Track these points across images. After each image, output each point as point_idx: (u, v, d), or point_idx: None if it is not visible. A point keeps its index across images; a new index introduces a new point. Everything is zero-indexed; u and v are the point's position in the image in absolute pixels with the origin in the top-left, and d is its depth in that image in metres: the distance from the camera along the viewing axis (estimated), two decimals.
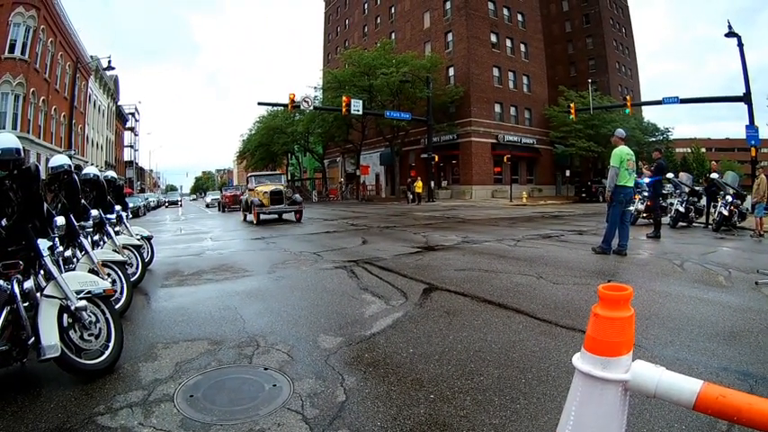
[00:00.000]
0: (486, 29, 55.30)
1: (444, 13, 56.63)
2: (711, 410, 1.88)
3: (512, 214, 27.14)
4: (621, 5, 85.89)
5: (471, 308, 6.30)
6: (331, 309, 6.30)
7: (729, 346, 5.13)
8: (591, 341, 2.10)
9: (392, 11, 65.82)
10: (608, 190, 11.43)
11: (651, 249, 12.63)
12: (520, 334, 5.26)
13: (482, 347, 4.82)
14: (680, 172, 24.35)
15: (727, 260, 10.98)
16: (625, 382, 2.03)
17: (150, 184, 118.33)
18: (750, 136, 30.66)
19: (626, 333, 2.07)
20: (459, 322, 5.65)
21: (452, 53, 54.95)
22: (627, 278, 8.70)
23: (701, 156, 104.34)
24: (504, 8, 58.14)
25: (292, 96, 36.71)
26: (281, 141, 65.17)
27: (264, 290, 7.49)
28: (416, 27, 60.68)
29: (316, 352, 4.66)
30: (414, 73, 47.71)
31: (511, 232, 16.19)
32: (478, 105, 52.83)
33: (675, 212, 19.04)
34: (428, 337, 5.10)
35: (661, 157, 16.59)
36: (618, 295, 2.06)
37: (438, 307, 6.35)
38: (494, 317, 5.89)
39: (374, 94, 49.20)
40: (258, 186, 23.97)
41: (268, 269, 9.38)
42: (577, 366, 2.11)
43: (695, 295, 7.40)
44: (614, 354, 2.05)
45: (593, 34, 77.96)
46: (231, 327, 5.52)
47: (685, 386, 1.91)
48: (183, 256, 12.03)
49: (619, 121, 48.96)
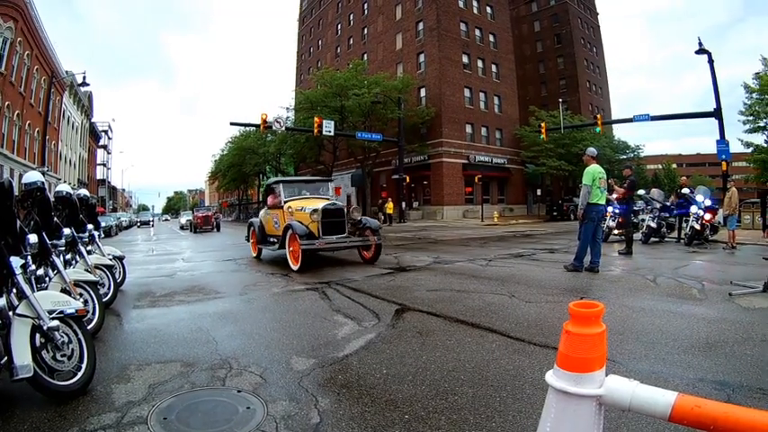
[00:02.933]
0: (458, 50, 55.96)
1: (416, 34, 57.22)
2: (687, 421, 1.91)
3: (483, 234, 27.26)
4: (593, 25, 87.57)
5: (444, 328, 6.31)
6: (303, 330, 6.25)
7: (705, 358, 5.22)
8: (563, 358, 2.13)
9: (365, 32, 66.53)
10: (580, 208, 11.49)
11: (623, 265, 12.78)
12: (493, 353, 5.29)
13: (456, 367, 4.82)
14: (651, 188, 24.65)
15: (699, 273, 11.24)
16: (599, 397, 2.05)
17: (122, 204, 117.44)
18: (721, 150, 31.14)
19: (598, 349, 2.10)
20: (432, 342, 5.66)
21: (424, 74, 55.48)
22: (599, 295, 8.76)
23: (673, 171, 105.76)
24: (476, 29, 58.98)
25: (264, 117, 36.58)
26: (253, 162, 65.50)
27: (236, 311, 7.47)
28: (389, 48, 61.21)
29: (289, 374, 4.63)
30: (385, 94, 47.82)
31: (482, 252, 16.28)
32: (450, 126, 53.41)
33: (647, 228, 19.31)
34: (401, 358, 5.10)
35: (632, 174, 16.86)
36: (589, 312, 2.10)
37: (410, 327, 6.35)
38: (467, 336, 5.91)
39: (346, 115, 49.17)
40: (293, 201, 14.08)
41: (240, 291, 9.36)
42: (551, 383, 2.13)
43: (669, 309, 7.52)
44: (587, 369, 2.07)
45: (564, 54, 79.08)
46: (204, 348, 5.48)
47: (660, 398, 1.94)
48: (154, 276, 11.94)
49: (589, 139, 49.77)
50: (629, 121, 39.49)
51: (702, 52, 31.29)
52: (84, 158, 67.83)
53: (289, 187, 15.15)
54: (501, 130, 60.12)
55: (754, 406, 3.71)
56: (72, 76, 50.46)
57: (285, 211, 13.77)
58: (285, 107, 58.87)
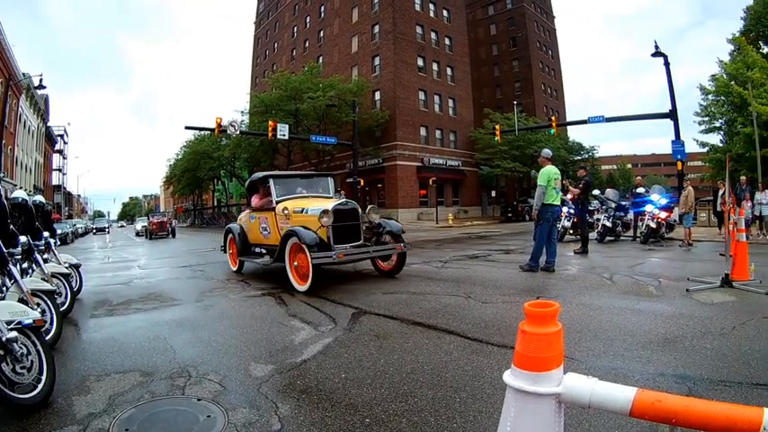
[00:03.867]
0: (414, 53, 56.14)
1: (372, 37, 57.20)
2: (648, 416, 1.94)
3: (438, 236, 27.47)
4: (549, 29, 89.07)
5: (401, 331, 6.34)
6: (260, 336, 6.26)
7: (664, 353, 5.33)
8: (520, 357, 2.15)
9: (321, 35, 66.44)
10: (535, 209, 11.64)
11: (579, 265, 12.94)
12: (451, 354, 5.33)
13: (414, 369, 4.85)
14: (606, 188, 24.99)
15: (656, 270, 11.47)
16: (558, 396, 2.08)
17: (78, 210, 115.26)
18: (676, 150, 31.98)
19: (555, 348, 2.13)
20: (390, 345, 5.69)
21: (379, 77, 55.43)
22: (556, 294, 8.88)
23: (628, 172, 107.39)
24: (432, 32, 59.31)
25: (219, 120, 36.18)
26: (208, 167, 64.89)
27: (193, 319, 7.44)
28: (344, 51, 61.15)
29: (248, 381, 4.62)
30: (340, 97, 47.85)
31: (438, 254, 16.37)
32: (404, 129, 53.52)
33: (602, 227, 19.65)
34: (359, 362, 5.12)
35: (586, 174, 17.12)
36: (544, 311, 2.13)
37: (367, 331, 6.38)
38: (424, 338, 5.95)
39: (300, 119, 49.17)
40: (289, 201, 11.38)
41: (196, 297, 9.33)
42: (509, 383, 2.14)
43: (626, 306, 7.64)
44: (544, 368, 2.10)
45: (519, 57, 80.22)
46: (162, 357, 5.43)
47: (619, 394, 1.97)
48: (111, 284, 11.82)
49: (544, 141, 50.59)
50: (584, 122, 39.77)
51: (658, 55, 31.83)
52: (39, 164, 66.34)
53: (281, 183, 11.95)
54: (455, 132, 60.59)
55: (715, 398, 4.15)
56: (29, 79, 49.55)
57: (278, 214, 11.04)
58: (240, 111, 58.10)
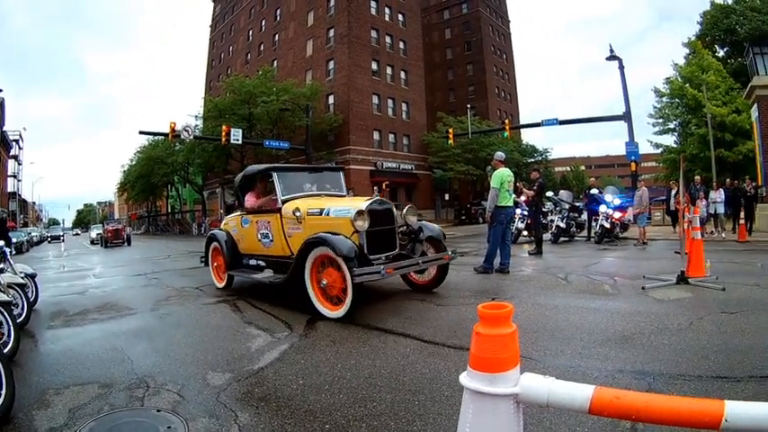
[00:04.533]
0: (368, 57, 56.27)
1: (327, 41, 57.14)
2: (608, 413, 1.98)
3: None
4: (504, 33, 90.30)
5: (357, 335, 6.39)
6: (217, 344, 6.25)
7: (622, 350, 5.44)
8: (475, 359, 2.16)
9: (276, 38, 66.22)
10: (488, 211, 11.73)
11: (534, 265, 13.09)
12: (408, 357, 5.38)
13: (372, 373, 4.89)
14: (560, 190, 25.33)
15: (611, 269, 11.75)
16: (515, 396, 2.09)
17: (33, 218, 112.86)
18: (630, 152, 33.14)
19: (510, 348, 2.14)
20: (347, 350, 5.73)
21: (333, 81, 55.37)
22: (511, 295, 8.97)
23: (581, 173, 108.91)
24: (386, 36, 59.47)
25: (173, 125, 35.70)
26: (162, 172, 63.63)
27: (150, 328, 7.40)
28: (299, 55, 60.99)
29: (206, 390, 4.60)
30: (294, 101, 47.73)
31: None
32: (357, 133, 53.55)
33: (556, 228, 19.93)
34: (316, 368, 5.12)
35: (540, 176, 17.28)
36: (497, 313, 2.14)
37: (323, 336, 6.41)
38: (380, 342, 6.01)
39: (254, 123, 49.06)
40: (300, 200, 9.27)
41: (152, 306, 9.25)
42: (465, 385, 2.15)
43: (582, 305, 7.79)
44: (500, 369, 2.11)
45: (473, 61, 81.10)
46: (120, 368, 5.37)
47: (577, 393, 2.00)
48: (67, 294, 11.62)
49: (497, 144, 51.19)
50: (538, 125, 40.50)
51: (613, 59, 32.76)
52: None
53: (286, 178, 9.73)
54: (409, 136, 60.78)
55: (675, 393, 4.25)
56: None
57: (286, 217, 8.95)
58: (194, 115, 57.61)
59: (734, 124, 40.18)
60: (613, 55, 32.91)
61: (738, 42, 49.68)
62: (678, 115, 46.27)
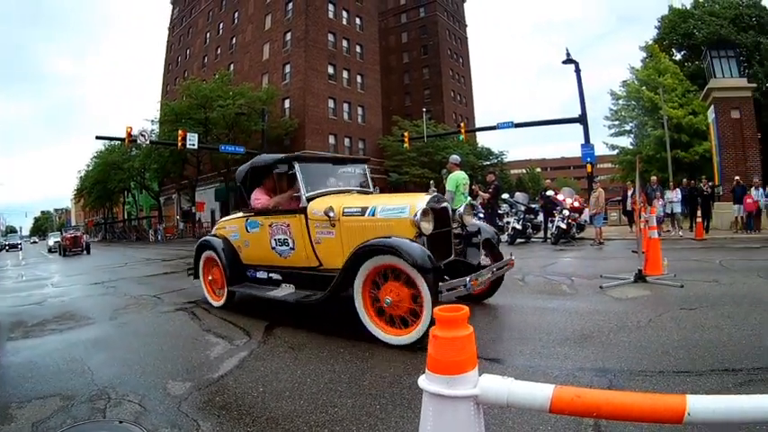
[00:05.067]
0: (324, 60, 56.45)
1: (284, 44, 57.30)
2: (569, 411, 2.03)
3: None
4: (460, 37, 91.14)
5: (316, 340, 6.40)
6: (176, 353, 6.21)
7: (582, 348, 5.56)
8: (434, 362, 2.18)
9: (233, 41, 66.01)
10: None
11: None
12: (368, 361, 5.44)
13: (332, 378, 4.90)
14: (516, 192, 25.71)
15: (568, 269, 11.93)
16: (475, 397, 2.11)
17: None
18: (585, 153, 33.42)
19: (467, 350, 2.16)
20: (306, 356, 5.73)
21: (289, 85, 55.58)
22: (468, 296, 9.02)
23: (537, 175, 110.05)
24: (344, 40, 59.88)
25: (129, 130, 35.26)
26: (118, 178, 62.81)
27: (109, 338, 7.33)
28: (255, 58, 60.95)
29: (167, 400, 4.56)
30: (250, 105, 47.80)
31: None
32: (313, 137, 53.56)
33: (513, 230, 20.20)
34: (276, 374, 5.13)
35: (495, 179, 17.58)
36: (454, 315, 2.17)
37: (282, 343, 6.43)
38: (339, 347, 6.00)
39: (210, 128, 48.80)
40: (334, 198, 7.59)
41: (110, 315, 9.13)
42: (424, 388, 2.18)
43: (540, 305, 7.94)
44: (459, 371, 2.12)
45: (429, 65, 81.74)
46: (81, 379, 5.30)
47: (537, 392, 2.03)
48: (25, 305, 11.43)
49: (453, 147, 51.14)
50: (494, 128, 40.54)
51: (570, 62, 33.05)
52: None
53: (309, 170, 8.01)
54: (364, 140, 61.17)
55: (637, 389, 4.34)
56: None
57: (313, 218, 7.34)
58: (151, 120, 56.60)
59: (690, 126, 41.27)
60: (570, 58, 33.26)
61: (696, 46, 50.82)
62: (634, 117, 47.32)
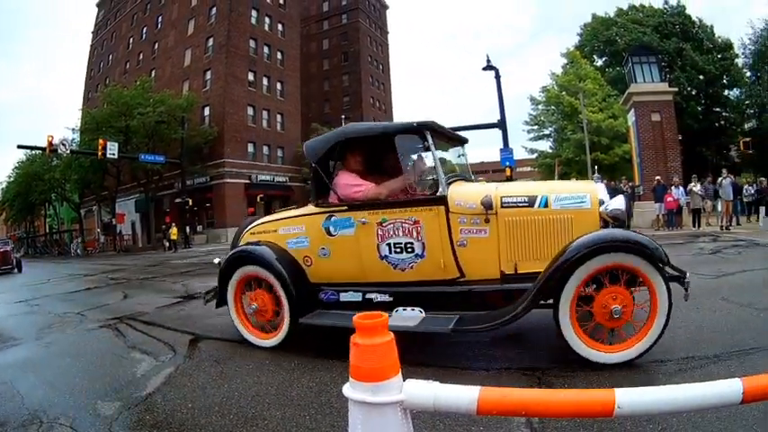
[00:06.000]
0: (245, 67, 56.43)
1: (206, 50, 57.00)
2: (497, 411, 2.11)
3: None
4: (381, 43, 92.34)
5: (241, 353, 6.39)
6: (104, 372, 6.08)
7: (508, 349, 5.78)
8: (356, 370, 2.21)
9: (156, 47, 64.81)
10: None
11: None
12: (293, 372, 5.46)
13: (259, 391, 4.91)
14: None
15: None
16: (401, 403, 2.15)
17: None
18: (504, 158, 34.09)
19: (389, 357, 2.20)
20: (231, 369, 5.72)
21: (209, 92, 55.34)
22: None
23: None
24: (265, 46, 60.09)
25: (50, 139, 34.71)
26: (39, 190, 60.29)
27: (36, 359, 7.19)
28: (177, 64, 60.17)
29: (98, 421, 4.50)
30: (170, 113, 47.12)
31: None
32: (232, 145, 53.64)
33: None
34: (203, 389, 5.11)
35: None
36: (374, 323, 2.20)
37: (207, 357, 6.39)
38: (265, 359, 6.03)
39: (130, 136, 47.77)
40: (470, 186, 6.37)
41: (35, 335, 8.92)
42: (349, 396, 2.22)
43: None
44: (382, 378, 2.16)
45: (350, 72, 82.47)
46: (11, 405, 5.17)
47: (463, 395, 2.09)
48: None
49: None
50: None
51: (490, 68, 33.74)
52: None
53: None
54: (283, 148, 61.51)
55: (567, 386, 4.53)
56: None
57: (458, 213, 5.66)
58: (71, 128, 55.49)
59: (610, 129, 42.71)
60: (490, 65, 33.93)
61: (617, 52, 52.91)
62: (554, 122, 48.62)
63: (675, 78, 51.18)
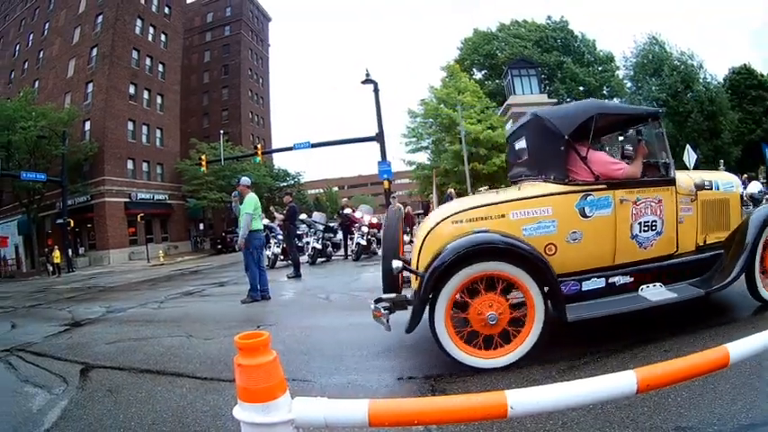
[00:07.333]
0: (127, 79, 55.79)
1: (89, 60, 55.71)
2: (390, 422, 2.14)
3: (151, 275, 27.71)
4: (262, 56, 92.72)
5: (132, 381, 6.37)
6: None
7: (398, 359, 5.96)
8: (243, 391, 2.21)
9: (40, 55, 62.06)
10: (242, 237, 11.99)
11: (294, 289, 13.83)
12: (186, 397, 5.49)
13: (155, 419, 4.91)
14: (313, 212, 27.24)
15: (371, 284, 12.19)
16: (292, 421, 2.17)
17: None
18: (383, 171, 34.87)
19: (274, 376, 2.20)
20: (125, 398, 5.66)
21: (90, 105, 54.08)
22: (275, 320, 9.63)
23: (334, 194, 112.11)
24: (147, 57, 59.51)
25: None
26: None
27: None
28: (60, 75, 58.31)
29: None
30: (51, 127, 45.70)
31: (153, 294, 16.64)
32: (112, 162, 52.71)
33: (312, 250, 21.00)
34: (100, 421, 5.05)
35: (292, 200, 18.20)
36: (255, 342, 2.20)
37: (99, 387, 6.27)
38: (156, 385, 6.04)
39: (12, 152, 45.83)
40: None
41: None
42: (240, 418, 2.23)
43: (348, 322, 8.39)
44: (270, 398, 2.15)
45: (229, 85, 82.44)
46: None
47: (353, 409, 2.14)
48: None
49: (250, 169, 53.12)
50: (290, 149, 41.80)
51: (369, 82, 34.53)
52: None
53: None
54: (162, 164, 61.22)
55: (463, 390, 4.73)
56: None
57: (681, 193, 6.32)
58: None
59: (488, 140, 44.11)
60: (369, 78, 34.57)
61: (497, 66, 55.23)
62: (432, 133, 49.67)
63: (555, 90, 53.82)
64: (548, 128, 6.17)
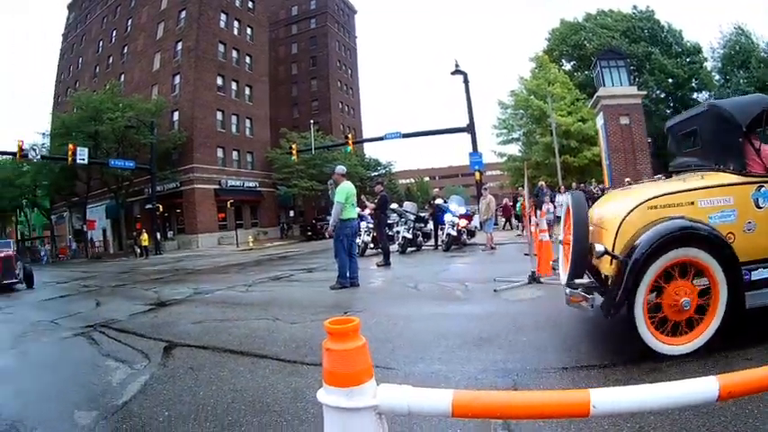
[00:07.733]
0: (214, 71, 56.26)
1: (175, 54, 56.56)
2: (472, 414, 2.09)
3: (240, 260, 27.57)
4: (350, 48, 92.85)
5: (215, 360, 6.35)
6: (79, 381, 5.98)
7: (482, 351, 5.75)
8: (329, 375, 2.18)
9: (125, 50, 64.05)
10: (331, 225, 12.01)
11: (383, 277, 13.63)
12: (268, 378, 5.40)
13: (235, 398, 4.84)
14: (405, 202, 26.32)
15: (461, 275, 12.23)
16: (376, 407, 2.12)
17: None
18: (474, 162, 34.45)
19: (362, 361, 2.17)
20: (206, 376, 5.64)
21: (178, 97, 54.82)
22: (363, 307, 9.33)
23: (426, 184, 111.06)
24: (233, 50, 59.88)
25: (21, 144, 34.36)
26: (10, 196, 58.66)
27: (11, 369, 7.08)
28: (146, 69, 59.56)
29: (76, 430, 4.43)
30: (139, 118, 46.75)
31: (241, 278, 16.47)
32: (201, 150, 53.21)
33: (403, 239, 20.57)
34: (179, 397, 5.02)
35: (383, 190, 17.89)
36: (345, 328, 2.17)
37: (182, 364, 6.28)
38: (239, 365, 5.99)
39: (100, 141, 47.36)
40: None
41: (11, 344, 8.77)
42: (323, 402, 2.18)
43: (435, 311, 8.17)
44: (356, 383, 2.12)
45: (317, 76, 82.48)
46: None
47: (437, 399, 2.08)
48: None
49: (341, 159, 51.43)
50: (381, 139, 41.68)
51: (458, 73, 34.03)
52: None
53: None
54: (252, 153, 61.53)
55: (543, 386, 4.60)
56: None
57: None
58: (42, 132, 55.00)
59: (579, 132, 43.01)
60: (458, 69, 34.09)
61: (586, 56, 53.60)
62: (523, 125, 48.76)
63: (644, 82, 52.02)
64: (726, 118, 5.98)
